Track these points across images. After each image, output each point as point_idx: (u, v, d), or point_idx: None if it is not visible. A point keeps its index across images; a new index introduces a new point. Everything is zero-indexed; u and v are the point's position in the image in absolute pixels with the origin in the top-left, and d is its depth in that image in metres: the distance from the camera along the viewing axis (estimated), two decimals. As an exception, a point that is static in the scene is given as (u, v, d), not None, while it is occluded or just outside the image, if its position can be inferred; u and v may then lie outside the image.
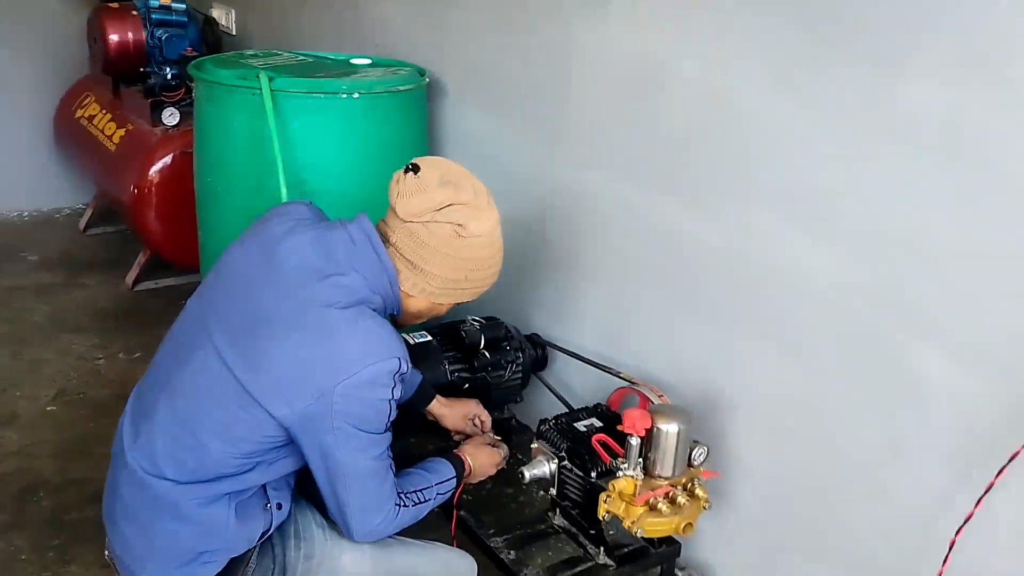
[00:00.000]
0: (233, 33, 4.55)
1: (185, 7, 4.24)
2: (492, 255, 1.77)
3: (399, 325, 1.83)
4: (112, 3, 4.28)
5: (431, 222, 1.68)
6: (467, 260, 1.72)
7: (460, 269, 1.73)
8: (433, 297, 1.77)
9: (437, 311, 1.85)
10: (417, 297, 1.77)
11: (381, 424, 1.65)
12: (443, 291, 1.76)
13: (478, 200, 1.72)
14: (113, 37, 4.15)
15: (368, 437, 1.64)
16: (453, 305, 1.84)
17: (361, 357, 1.59)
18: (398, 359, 1.61)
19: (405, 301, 1.77)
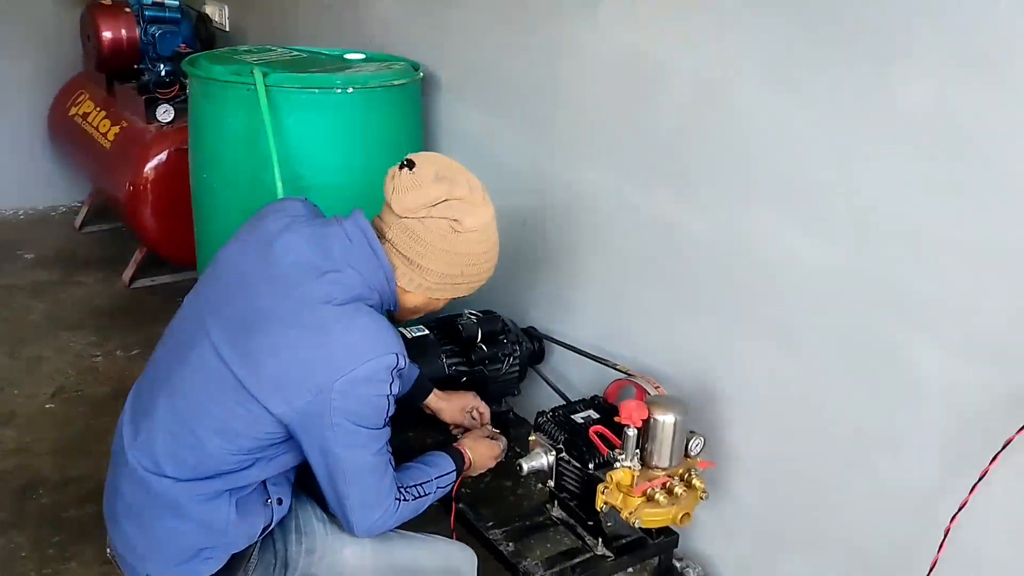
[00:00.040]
0: (226, 29, 4.54)
1: (178, 4, 4.22)
2: (488, 250, 1.78)
3: (396, 321, 1.84)
4: (105, 0, 4.27)
5: (427, 218, 1.68)
6: (463, 255, 1.73)
7: (456, 264, 1.73)
8: (430, 292, 1.77)
9: (434, 306, 1.85)
10: (414, 293, 1.77)
11: (380, 419, 1.66)
12: (439, 286, 1.76)
13: (473, 195, 1.72)
14: (107, 34, 4.13)
15: (367, 433, 1.65)
16: (450, 300, 1.85)
17: (359, 353, 1.59)
18: (395, 355, 1.62)
19: (402, 297, 1.78)
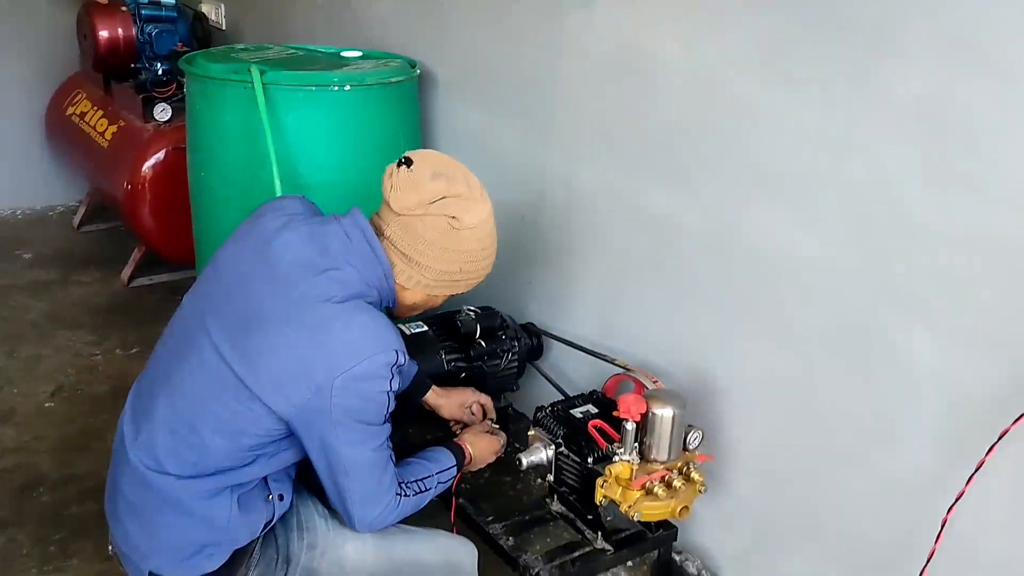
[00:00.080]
0: (223, 28, 4.54)
1: (175, 2, 4.21)
2: (486, 247, 1.78)
3: (395, 317, 1.84)
4: (101, -1, 4.28)
5: (425, 215, 1.69)
6: (461, 252, 1.73)
7: (455, 261, 1.74)
8: (428, 289, 1.78)
9: (432, 303, 1.86)
10: (412, 290, 1.78)
11: (380, 416, 1.66)
12: (438, 283, 1.77)
13: (471, 192, 1.73)
14: (103, 34, 4.12)
15: (368, 429, 1.65)
16: (448, 296, 1.86)
17: (358, 351, 1.60)
18: (395, 351, 1.62)
19: (400, 294, 1.78)
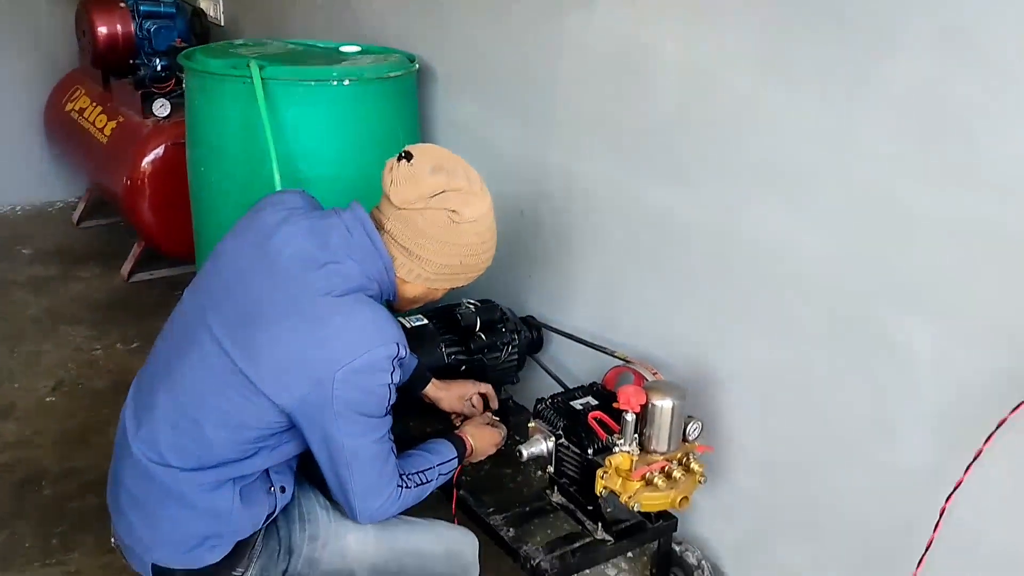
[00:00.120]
0: (221, 24, 4.54)
1: (173, -1, 4.23)
2: (486, 240, 1.79)
3: (395, 311, 1.85)
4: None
5: (425, 209, 1.69)
6: (462, 246, 1.74)
7: (455, 255, 1.75)
8: (429, 283, 1.79)
9: (433, 296, 1.87)
10: (413, 283, 1.78)
11: (381, 408, 1.67)
12: (439, 277, 1.78)
13: (471, 186, 1.73)
14: (102, 30, 4.13)
15: (369, 421, 1.66)
16: (449, 290, 1.86)
17: (359, 344, 1.61)
18: (396, 344, 1.63)
19: (401, 287, 1.79)
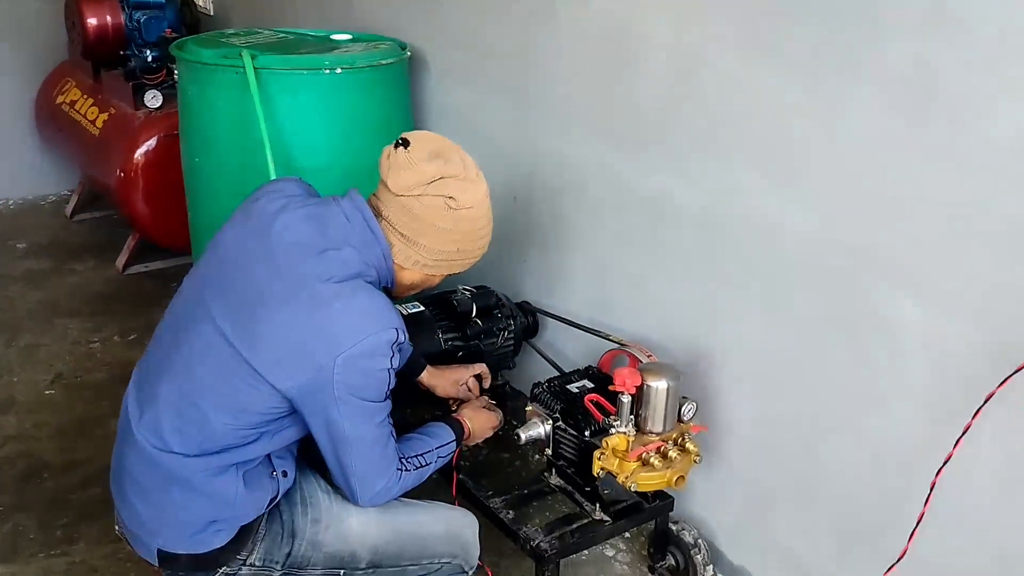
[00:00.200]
0: (211, 14, 4.53)
1: (162, -11, 4.22)
2: (483, 226, 1.81)
3: (393, 297, 1.86)
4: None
5: (423, 195, 1.71)
6: (459, 232, 1.76)
7: (452, 241, 1.76)
8: (426, 269, 1.81)
9: (430, 282, 1.88)
10: (411, 269, 1.80)
11: (381, 393, 1.69)
12: (436, 263, 1.80)
13: (467, 172, 1.75)
14: (91, 21, 4.12)
15: (369, 406, 1.68)
16: (446, 276, 1.88)
17: (359, 329, 1.62)
18: (395, 329, 1.65)
19: (399, 273, 1.81)
